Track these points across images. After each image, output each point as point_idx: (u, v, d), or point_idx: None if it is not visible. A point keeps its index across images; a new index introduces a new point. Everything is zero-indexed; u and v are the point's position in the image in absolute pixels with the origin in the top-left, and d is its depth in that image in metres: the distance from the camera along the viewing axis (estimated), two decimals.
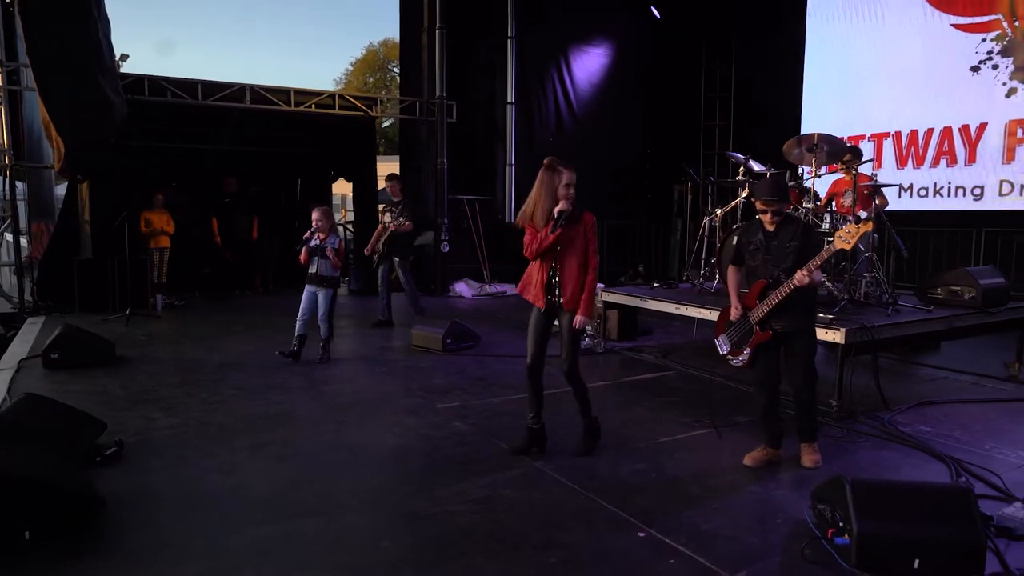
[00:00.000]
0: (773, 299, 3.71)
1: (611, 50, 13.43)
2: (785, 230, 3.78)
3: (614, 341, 7.23)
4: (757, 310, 3.81)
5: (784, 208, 3.81)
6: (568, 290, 3.89)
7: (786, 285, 3.65)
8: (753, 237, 3.89)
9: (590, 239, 3.83)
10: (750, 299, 3.87)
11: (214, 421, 4.59)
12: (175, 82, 9.54)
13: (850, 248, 3.53)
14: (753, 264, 3.89)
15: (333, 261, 6.20)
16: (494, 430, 4.47)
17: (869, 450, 4.16)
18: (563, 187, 3.76)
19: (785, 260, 3.73)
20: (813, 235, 3.84)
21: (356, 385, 5.63)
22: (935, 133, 10.03)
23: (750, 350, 3.88)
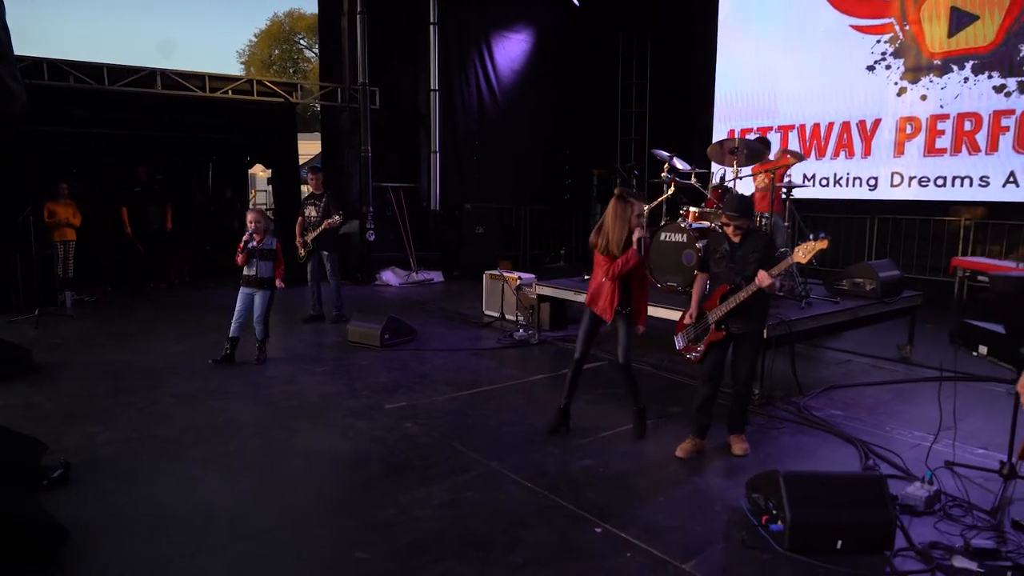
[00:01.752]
0: (732, 302, 4.05)
1: (532, 36, 13.58)
2: (749, 241, 4.14)
3: (547, 331, 7.48)
4: (716, 311, 4.13)
5: (748, 224, 4.17)
6: (634, 303, 4.43)
7: (745, 290, 3.98)
8: (719, 246, 4.23)
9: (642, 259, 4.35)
10: (712, 301, 4.19)
11: (159, 434, 4.52)
12: (78, 66, 9.00)
13: (805, 262, 3.93)
14: (717, 270, 4.22)
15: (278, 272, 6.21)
16: (445, 430, 4.62)
17: (789, 435, 4.59)
18: (635, 217, 4.29)
19: (747, 268, 4.06)
20: (772, 248, 4.23)
21: (299, 386, 5.63)
22: (835, 127, 10.79)
23: (704, 347, 4.21)
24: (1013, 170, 8.94)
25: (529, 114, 13.40)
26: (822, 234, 3.94)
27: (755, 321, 4.19)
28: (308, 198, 8.14)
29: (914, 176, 9.94)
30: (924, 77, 9.79)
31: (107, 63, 9.17)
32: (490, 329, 7.99)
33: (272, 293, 6.29)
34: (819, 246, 3.91)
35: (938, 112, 9.64)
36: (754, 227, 4.38)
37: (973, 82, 9.29)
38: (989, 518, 3.39)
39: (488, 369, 6.27)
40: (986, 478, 3.78)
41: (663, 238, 6.63)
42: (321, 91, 11.22)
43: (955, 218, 9.72)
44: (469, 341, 7.33)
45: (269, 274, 6.22)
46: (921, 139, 9.84)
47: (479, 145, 13.00)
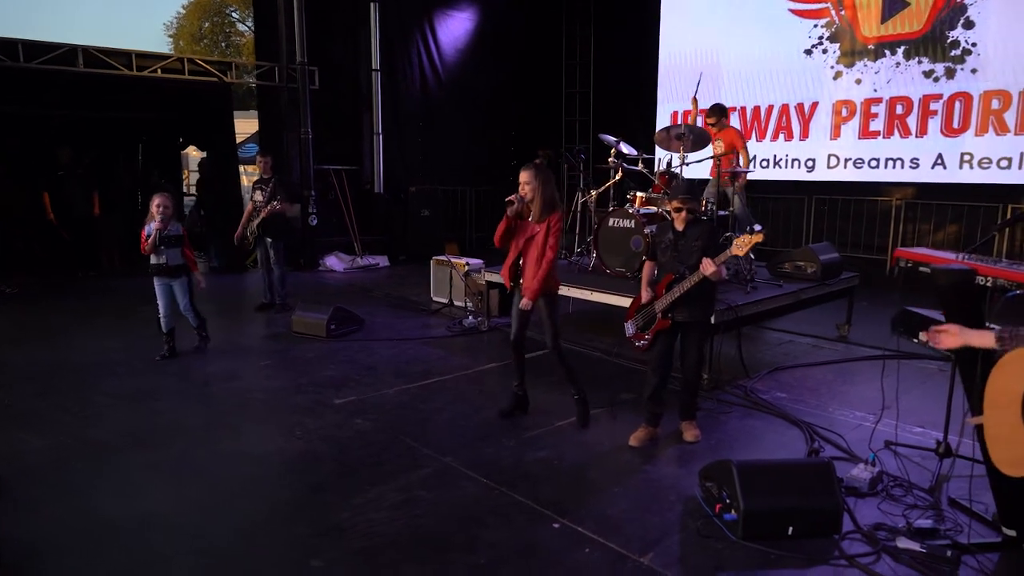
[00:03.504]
0: (676, 291, 4.08)
1: (476, 15, 13.33)
2: (692, 230, 4.16)
3: (497, 318, 7.44)
4: (662, 300, 4.16)
5: (697, 208, 4.17)
6: (526, 275, 4.40)
7: (688, 280, 4.01)
8: (664, 236, 4.26)
9: (551, 235, 4.28)
10: (659, 288, 4.22)
11: (95, 438, 4.30)
12: None
13: (743, 255, 3.98)
14: (663, 260, 4.24)
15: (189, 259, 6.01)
16: (397, 426, 4.55)
17: (738, 419, 4.69)
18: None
19: (690, 257, 4.09)
20: (715, 236, 4.27)
21: (243, 383, 5.45)
22: (775, 110, 11.00)
23: (651, 334, 4.24)
24: (940, 152, 9.30)
25: (473, 94, 13.19)
26: (757, 227, 4.00)
27: (701, 309, 4.23)
28: (256, 182, 7.85)
29: (849, 158, 10.23)
30: (859, 61, 10.04)
31: (22, 39, 8.57)
32: (439, 316, 7.90)
33: (189, 279, 6.04)
34: (755, 239, 3.95)
35: (872, 96, 9.92)
36: (699, 214, 4.42)
37: (904, 67, 9.59)
38: (928, 496, 3.54)
39: (438, 359, 6.20)
40: (923, 456, 3.94)
41: (611, 224, 6.65)
42: (257, 70, 10.79)
43: (887, 198, 10.08)
44: (418, 330, 7.24)
45: (179, 260, 5.96)
46: (856, 122, 10.12)
47: (423, 126, 12.75)
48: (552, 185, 4.35)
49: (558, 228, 4.30)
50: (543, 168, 4.38)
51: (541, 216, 4.31)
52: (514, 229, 4.42)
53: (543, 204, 4.28)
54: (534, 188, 4.29)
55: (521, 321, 4.55)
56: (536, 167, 4.35)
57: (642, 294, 4.35)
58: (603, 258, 6.71)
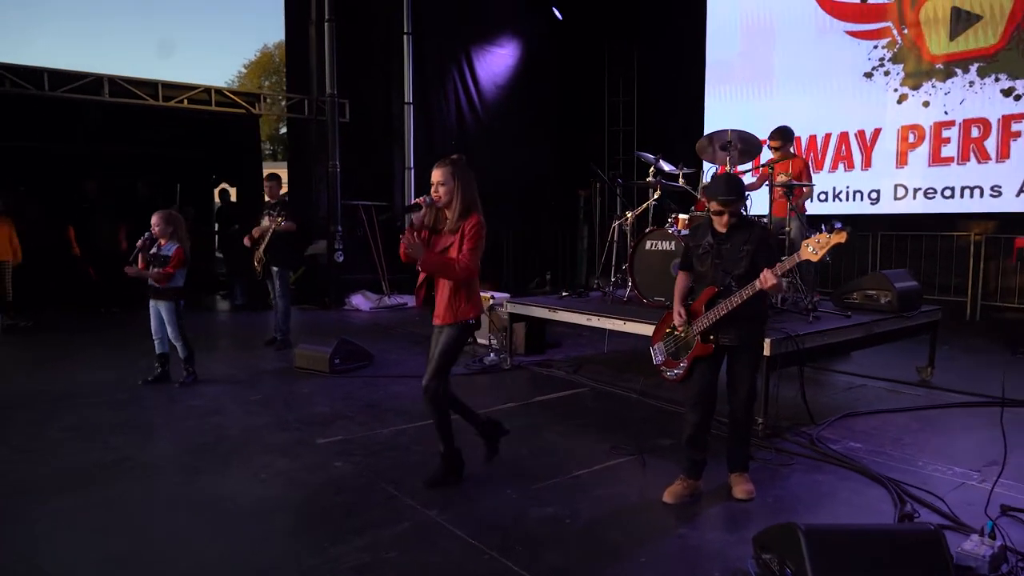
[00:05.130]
0: (722, 308, 3.27)
1: (517, 51, 12.98)
2: (738, 233, 3.36)
3: (521, 356, 6.68)
4: (701, 320, 3.34)
5: (740, 208, 3.39)
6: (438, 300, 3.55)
7: (739, 294, 3.20)
8: (702, 240, 3.45)
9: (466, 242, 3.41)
10: (697, 305, 3.40)
11: (19, 478, 3.66)
12: (15, 70, 8.28)
13: (817, 260, 3.10)
14: (702, 269, 3.44)
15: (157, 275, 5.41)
16: (381, 470, 3.79)
17: (802, 473, 3.76)
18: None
19: (737, 266, 3.29)
20: (770, 239, 3.41)
21: (222, 418, 4.79)
22: (833, 138, 10.14)
23: (687, 362, 3.42)
24: None
25: (513, 131, 12.74)
26: (838, 224, 3.16)
27: (752, 330, 3.40)
28: (264, 208, 7.37)
29: (919, 188, 9.26)
30: (926, 82, 9.16)
31: (47, 67, 8.46)
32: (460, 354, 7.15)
33: (176, 304, 5.50)
34: (835, 240, 3.12)
35: (943, 119, 8.99)
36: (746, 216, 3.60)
37: (979, 85, 8.67)
38: None
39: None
40: None
41: (648, 247, 5.88)
42: (287, 102, 10.53)
43: (965, 233, 9.01)
44: None
45: (168, 284, 5.45)
46: (925, 148, 9.18)
47: None
48: (474, 187, 3.46)
49: (474, 234, 3.36)
50: (463, 165, 3.47)
51: (456, 224, 3.40)
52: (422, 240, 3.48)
53: (460, 209, 3.39)
54: (450, 191, 3.38)
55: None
56: (454, 163, 3.44)
57: (674, 313, 3.53)
58: (639, 286, 5.92)
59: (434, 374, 3.50)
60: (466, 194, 3.40)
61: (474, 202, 3.44)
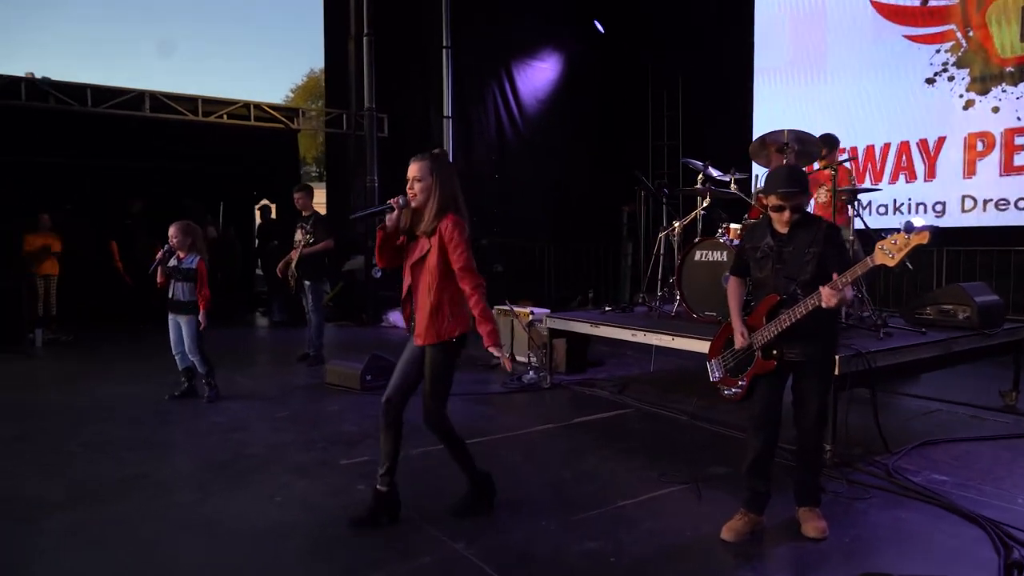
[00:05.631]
0: (784, 320, 2.87)
1: (558, 64, 12.77)
2: (802, 233, 2.95)
3: (562, 374, 6.31)
4: (762, 332, 2.95)
5: (805, 204, 2.99)
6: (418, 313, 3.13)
7: (804, 303, 2.80)
8: (760, 241, 3.05)
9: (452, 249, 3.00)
10: (756, 317, 3.01)
11: (33, 492, 3.46)
12: (59, 86, 8.37)
13: (894, 265, 2.66)
14: (761, 275, 3.04)
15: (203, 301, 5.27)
16: (407, 495, 3.45)
17: (882, 509, 3.30)
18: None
19: (802, 271, 2.90)
20: (839, 239, 3.00)
21: (246, 435, 4.55)
22: (892, 148, 9.58)
23: (747, 380, 3.03)
24: None
25: (554, 146, 12.48)
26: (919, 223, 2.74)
27: (822, 343, 2.98)
28: (297, 221, 7.20)
29: (990, 199, 8.63)
30: (995, 87, 8.57)
31: (91, 83, 8.53)
32: (497, 372, 6.84)
33: (197, 318, 5.31)
34: (915, 241, 2.68)
35: (1016, 125, 8.37)
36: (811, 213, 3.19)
37: None
38: None
39: (484, 417, 5.12)
40: None
41: (698, 258, 5.49)
42: (325, 116, 10.47)
43: None
44: (470, 385, 6.18)
45: (188, 297, 5.30)
46: (996, 156, 8.56)
47: (498, 177, 12.07)
48: (455, 185, 3.06)
49: (455, 238, 2.96)
50: (443, 159, 3.10)
51: (431, 225, 3.00)
52: (398, 247, 3.15)
53: (436, 209, 2.99)
54: (427, 188, 2.98)
55: (404, 374, 3.19)
56: (433, 157, 3.05)
57: (735, 328, 3.14)
58: (688, 300, 5.52)
59: (432, 407, 3.14)
60: (444, 192, 3.00)
61: (453, 201, 3.04)
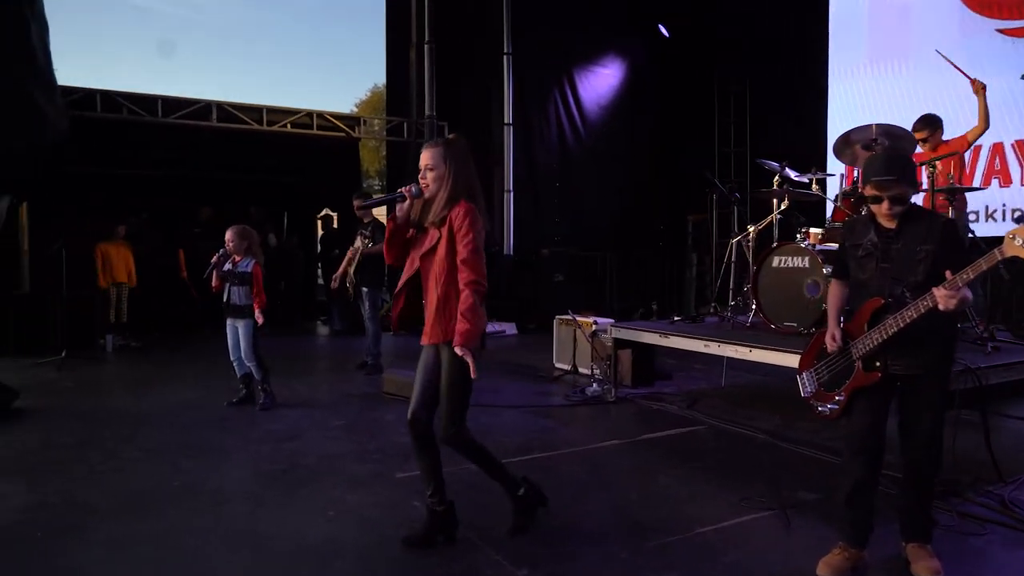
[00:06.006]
0: (890, 325, 2.52)
1: (621, 70, 12.49)
2: (913, 228, 2.59)
3: (628, 387, 6.00)
4: (864, 340, 2.61)
5: (908, 194, 2.62)
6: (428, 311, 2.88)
7: (914, 306, 2.45)
8: (863, 238, 2.69)
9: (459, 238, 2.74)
10: (857, 324, 2.67)
11: (85, 499, 3.39)
12: (132, 97, 8.59)
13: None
14: (863, 276, 2.69)
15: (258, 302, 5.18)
16: (465, 513, 3.23)
17: (1002, 548, 2.89)
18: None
19: (913, 271, 2.54)
20: (957, 234, 2.62)
21: (300, 443, 4.42)
22: (984, 150, 8.92)
23: (845, 395, 2.68)
24: None
25: (617, 153, 12.19)
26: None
27: (934, 356, 2.61)
28: (358, 228, 7.13)
29: None
30: None
31: (162, 95, 8.73)
32: (559, 384, 6.58)
33: (254, 322, 5.24)
34: None
35: None
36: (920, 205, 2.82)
37: None
38: None
39: (545, 431, 4.86)
40: None
41: (776, 264, 5.11)
42: (387, 125, 10.47)
43: None
44: (531, 397, 5.95)
45: (244, 301, 5.23)
46: None
47: (559, 185, 11.84)
48: (471, 175, 2.84)
49: (464, 225, 2.70)
50: (460, 147, 2.85)
51: (439, 214, 2.76)
52: (408, 240, 2.91)
53: (447, 197, 2.75)
54: (440, 177, 2.76)
55: (424, 385, 2.93)
56: (447, 144, 2.83)
57: (828, 331, 2.80)
58: (765, 309, 5.14)
59: (449, 419, 2.82)
60: (458, 181, 2.77)
61: (467, 190, 2.80)
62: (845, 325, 2.73)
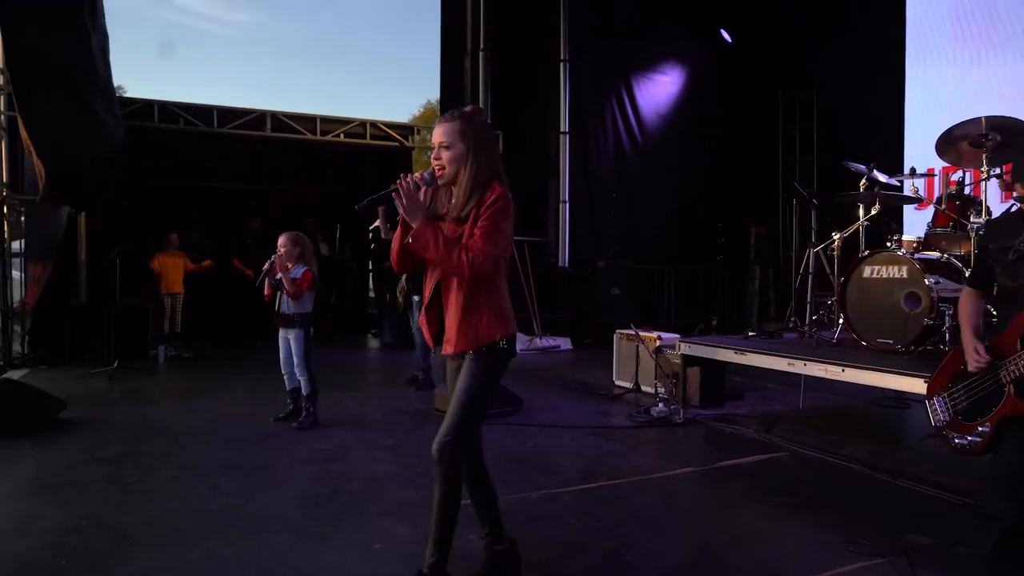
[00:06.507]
0: None
1: (681, 77, 12.05)
2: None
3: (696, 408, 5.54)
4: (1017, 360, 2.14)
5: None
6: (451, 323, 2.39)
7: None
8: (1012, 240, 2.24)
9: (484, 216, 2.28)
10: (1006, 340, 2.20)
11: (116, 523, 3.14)
12: (188, 108, 8.60)
13: None
14: (1012, 284, 2.23)
15: (288, 290, 4.88)
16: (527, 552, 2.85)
17: None
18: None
19: None
20: None
21: (346, 465, 4.13)
22: None
23: (991, 426, 2.21)
24: None
25: (676, 163, 11.73)
26: None
27: None
28: None
29: None
30: None
31: (217, 105, 8.71)
32: (621, 403, 6.17)
33: (306, 334, 4.99)
34: None
35: None
36: None
37: None
38: None
39: (611, 455, 4.45)
40: None
41: (868, 274, 4.61)
42: None
43: None
44: (590, 417, 5.55)
45: (295, 310, 4.96)
46: None
47: (616, 196, 11.44)
48: (495, 153, 2.41)
49: (493, 212, 2.25)
50: (478, 121, 2.37)
51: (465, 206, 2.30)
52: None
53: (470, 185, 2.29)
54: (458, 157, 2.29)
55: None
56: (466, 116, 2.33)
57: (968, 348, 2.33)
58: (854, 324, 4.63)
59: (452, 427, 2.32)
60: (481, 161, 2.29)
61: (496, 174, 2.34)
62: (992, 341, 2.26)
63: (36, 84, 6.55)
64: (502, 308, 2.38)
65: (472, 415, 2.35)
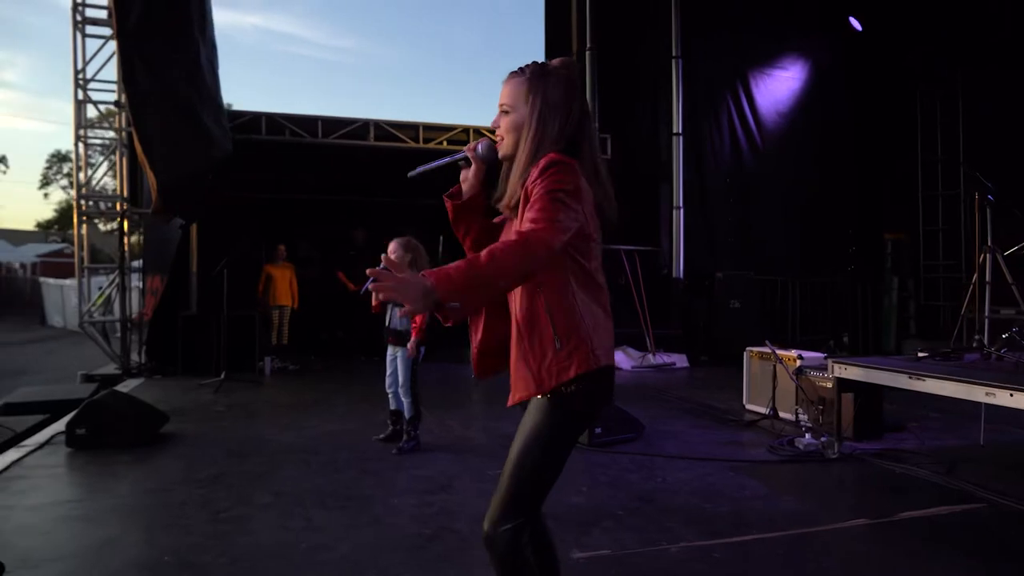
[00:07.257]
0: None
1: (803, 72, 11.07)
2: None
3: (850, 440, 4.72)
4: None
5: None
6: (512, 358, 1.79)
7: None
8: None
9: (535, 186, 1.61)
10: None
11: (199, 560, 2.79)
12: (293, 119, 8.56)
13: None
14: None
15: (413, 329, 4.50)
16: None
17: None
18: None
19: None
20: None
21: (450, 498, 3.66)
22: None
23: None
24: None
25: (798, 165, 10.73)
26: None
27: None
28: None
29: None
30: None
31: (321, 115, 8.64)
32: (755, 431, 5.41)
33: (416, 350, 4.55)
34: None
35: None
36: None
37: None
38: None
39: (758, 498, 3.75)
40: None
41: None
42: None
43: None
44: (722, 447, 4.84)
45: (406, 326, 4.56)
46: None
47: (733, 202, 10.58)
48: (571, 116, 1.69)
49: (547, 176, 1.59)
50: (554, 76, 1.71)
51: (515, 192, 1.69)
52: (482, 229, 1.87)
53: (527, 157, 1.68)
54: (519, 124, 1.71)
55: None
56: (539, 72, 1.72)
57: None
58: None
59: (505, 507, 1.74)
60: (547, 131, 1.68)
61: (558, 141, 1.69)
62: None
63: (148, 97, 6.60)
64: (578, 327, 1.68)
65: (529, 491, 1.75)
